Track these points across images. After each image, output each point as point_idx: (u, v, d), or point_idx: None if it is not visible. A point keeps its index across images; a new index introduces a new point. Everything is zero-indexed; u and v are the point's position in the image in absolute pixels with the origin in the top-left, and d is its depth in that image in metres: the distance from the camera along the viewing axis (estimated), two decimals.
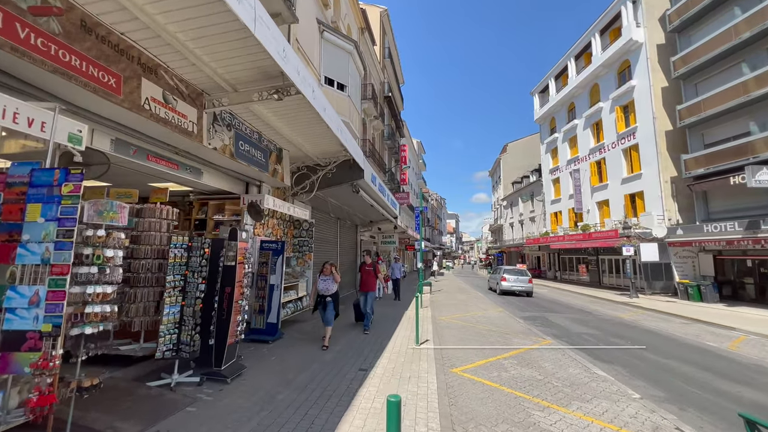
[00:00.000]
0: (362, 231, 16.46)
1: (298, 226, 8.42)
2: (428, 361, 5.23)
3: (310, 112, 5.17)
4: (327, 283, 5.90)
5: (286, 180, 7.23)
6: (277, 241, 6.33)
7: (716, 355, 6.36)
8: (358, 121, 14.48)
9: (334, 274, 5.94)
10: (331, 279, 5.92)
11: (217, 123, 5.00)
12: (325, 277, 5.96)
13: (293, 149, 7.27)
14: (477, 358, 5.61)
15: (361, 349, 5.80)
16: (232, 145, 5.35)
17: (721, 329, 8.85)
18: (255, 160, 5.96)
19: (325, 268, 6.00)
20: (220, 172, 5.93)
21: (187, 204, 6.83)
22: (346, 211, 12.22)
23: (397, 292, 12.64)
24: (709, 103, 15.02)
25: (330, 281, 5.90)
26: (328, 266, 5.99)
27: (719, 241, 13.76)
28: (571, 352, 6.04)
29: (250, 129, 5.86)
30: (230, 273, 4.17)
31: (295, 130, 6.27)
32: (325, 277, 5.95)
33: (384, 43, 23.81)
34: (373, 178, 9.48)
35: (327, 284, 5.89)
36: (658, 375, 5.07)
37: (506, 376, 4.73)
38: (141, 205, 4.17)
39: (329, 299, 5.82)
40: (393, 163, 25.64)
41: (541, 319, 9.65)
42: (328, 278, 5.93)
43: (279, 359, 5.02)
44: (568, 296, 16.62)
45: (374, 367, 4.87)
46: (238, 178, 6.44)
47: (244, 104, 4.83)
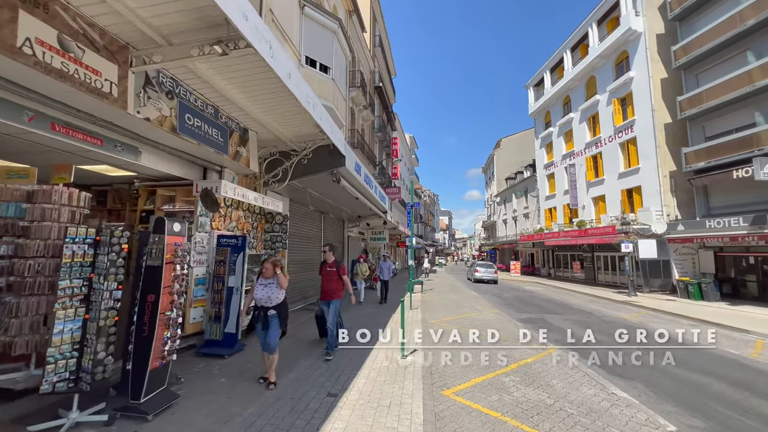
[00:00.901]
0: (350, 227, 15.51)
1: (271, 220, 7.44)
2: (414, 380, 4.34)
3: (271, 78, 4.20)
4: (268, 290, 4.07)
5: (253, 165, 6.23)
6: (237, 236, 5.35)
7: (742, 366, 5.62)
8: (345, 108, 13.48)
9: (279, 277, 4.11)
10: (275, 284, 4.11)
11: (150, 87, 3.99)
12: (265, 280, 4.12)
13: (262, 130, 6.27)
14: (473, 374, 4.74)
15: (334, 366, 4.87)
16: (175, 118, 4.34)
17: (734, 332, 8.18)
18: (209, 139, 4.96)
19: (265, 267, 4.15)
20: (164, 152, 4.91)
21: (133, 192, 5.78)
22: (330, 204, 11.25)
23: (385, 293, 11.18)
24: (711, 93, 14.38)
25: (273, 287, 4.09)
26: (269, 265, 4.13)
27: (722, 237, 13.17)
28: (580, 363, 5.21)
29: (201, 101, 4.85)
30: (154, 276, 3.20)
31: (259, 105, 5.27)
32: (266, 281, 4.11)
33: (374, 30, 22.76)
34: (357, 167, 8.53)
35: (268, 291, 4.07)
36: (688, 395, 4.26)
37: (509, 401, 3.86)
38: (32, 187, 3.14)
39: (272, 313, 4.02)
40: (384, 157, 24.68)
41: (541, 322, 8.87)
42: (270, 282, 4.11)
43: (229, 382, 4.07)
44: (564, 294, 15.95)
45: (347, 390, 3.96)
46: (191, 161, 5.43)
47: (182, 63, 3.84)
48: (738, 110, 13.91)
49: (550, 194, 27.19)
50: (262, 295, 4.08)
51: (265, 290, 4.09)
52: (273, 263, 4.15)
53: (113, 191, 6.04)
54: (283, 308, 4.19)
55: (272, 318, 4.02)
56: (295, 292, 8.67)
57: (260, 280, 4.15)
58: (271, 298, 4.07)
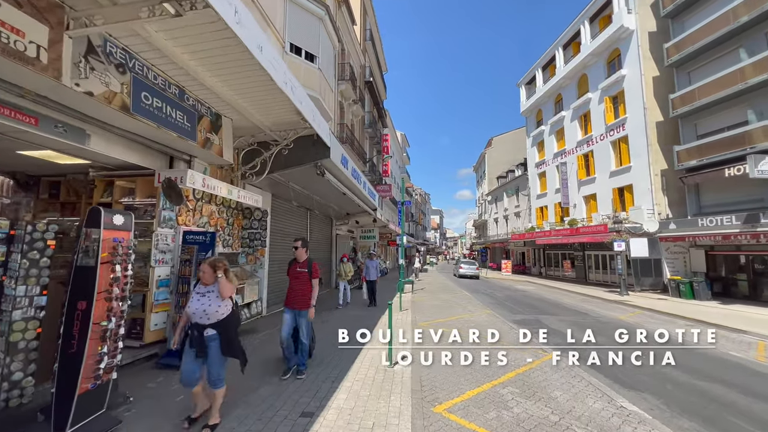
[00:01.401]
0: (338, 225, 14.97)
1: (249, 216, 6.87)
2: (403, 393, 3.86)
3: (239, 51, 3.66)
4: (205, 301, 2.91)
5: (227, 155, 5.65)
6: (206, 232, 4.78)
7: (749, 371, 5.32)
8: (333, 100, 12.91)
9: (220, 283, 2.94)
10: (215, 293, 2.96)
11: (94, 57, 3.41)
12: (203, 288, 3.00)
13: (237, 117, 5.70)
14: (467, 385, 4.29)
15: (313, 376, 4.36)
16: (128, 95, 3.76)
17: (732, 332, 7.95)
18: (172, 123, 4.38)
19: (202, 270, 3.00)
20: (118, 135, 4.31)
21: (89, 183, 5.15)
22: (316, 201, 10.70)
23: (373, 295, 10.28)
24: (704, 91, 14.28)
25: (212, 297, 2.94)
26: (207, 267, 2.98)
27: (714, 235, 13.07)
28: (582, 371, 4.82)
29: (163, 78, 4.27)
30: (86, 278, 2.64)
31: (230, 85, 4.71)
32: (204, 289, 2.98)
33: (365, 23, 22.19)
34: (344, 160, 8.01)
35: (205, 303, 2.91)
36: (702, 408, 3.89)
37: (509, 419, 3.41)
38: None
39: (210, 334, 2.88)
40: (374, 153, 24.16)
41: (536, 323, 8.50)
42: (209, 291, 2.97)
43: (188, 400, 3.51)
44: (556, 294, 15.71)
45: (325, 407, 3.46)
46: (153, 148, 4.83)
47: (130, 27, 3.29)
48: (730, 108, 13.83)
49: (542, 193, 27.08)
50: (196, 308, 2.90)
51: (201, 301, 2.92)
52: (212, 265, 3.00)
53: (67, 182, 5.40)
54: (228, 327, 2.97)
55: (210, 340, 2.87)
56: (274, 294, 8.10)
57: (197, 288, 3.04)
58: (207, 312, 2.88)
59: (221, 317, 2.95)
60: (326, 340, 6.09)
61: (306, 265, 4.41)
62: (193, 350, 2.88)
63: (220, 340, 2.91)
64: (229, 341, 2.95)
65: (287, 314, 4.32)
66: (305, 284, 4.34)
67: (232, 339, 2.98)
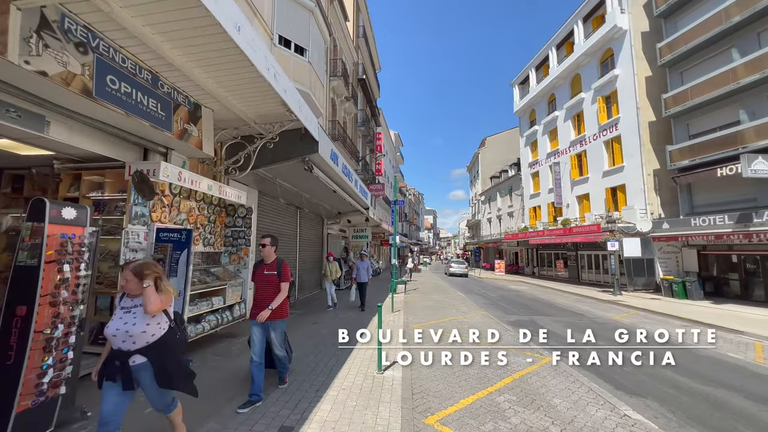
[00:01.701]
0: (329, 224, 14.64)
1: (233, 213, 6.52)
2: (392, 403, 3.58)
3: (213, 31, 3.35)
4: (129, 320, 2.22)
5: (207, 148, 5.31)
6: (181, 230, 4.44)
7: (750, 373, 5.17)
8: (324, 96, 12.59)
9: (145, 295, 2.22)
10: (139, 309, 2.26)
11: (49, 33, 3.05)
12: (129, 301, 2.30)
13: (219, 107, 5.36)
14: (461, 392, 4.02)
15: (296, 384, 4.06)
16: (90, 78, 3.41)
17: (728, 333, 7.84)
18: (143, 110, 4.03)
19: (126, 278, 2.27)
20: (84, 124, 3.94)
21: (55, 177, 4.77)
22: (306, 198, 10.36)
23: (362, 298, 9.59)
24: (696, 90, 14.29)
25: (139, 313, 2.25)
26: (129, 273, 2.26)
27: (707, 235, 13.07)
28: (581, 375, 4.60)
29: (132, 62, 3.91)
30: (27, 280, 2.31)
31: (208, 71, 4.37)
32: (130, 304, 2.29)
33: (358, 20, 21.90)
34: (334, 156, 7.71)
35: (129, 322, 2.22)
36: (709, 415, 3.69)
37: (507, 431, 3.14)
38: None
39: (138, 364, 2.21)
40: (367, 152, 23.87)
41: (531, 324, 8.30)
42: (136, 306, 2.27)
43: (154, 414, 3.17)
44: (549, 294, 15.60)
45: (307, 420, 3.16)
46: (123, 138, 4.46)
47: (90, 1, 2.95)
48: (722, 108, 13.85)
49: (535, 193, 27.07)
50: (117, 328, 2.18)
51: (125, 319, 2.20)
52: (137, 271, 2.24)
53: (31, 176, 5.00)
54: (163, 352, 2.26)
55: (139, 371, 2.19)
56: None
57: (123, 301, 2.30)
58: (132, 333, 2.17)
59: (151, 340, 2.23)
60: (312, 346, 5.80)
61: (275, 266, 3.69)
62: (117, 386, 2.15)
63: (153, 369, 2.22)
64: (164, 370, 2.24)
65: (255, 329, 3.57)
66: (276, 289, 3.63)
67: (168, 367, 2.26)
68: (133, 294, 2.28)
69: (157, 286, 2.29)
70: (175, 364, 2.34)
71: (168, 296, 2.34)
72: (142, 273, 2.25)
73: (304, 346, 5.63)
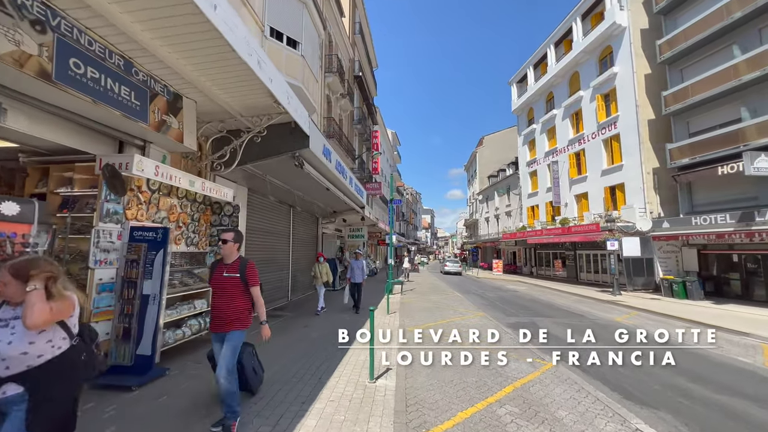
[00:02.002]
0: (324, 223, 14.31)
1: (218, 211, 6.20)
2: (384, 417, 3.28)
3: (186, 9, 3.04)
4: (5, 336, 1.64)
5: (189, 141, 4.97)
6: (156, 228, 4.11)
7: (763, 378, 4.93)
8: (318, 91, 12.28)
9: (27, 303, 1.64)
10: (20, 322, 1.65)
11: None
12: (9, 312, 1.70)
13: (202, 98, 5.04)
14: (459, 404, 3.73)
15: (282, 395, 3.75)
16: (48, 59, 3.08)
17: (734, 335, 7.61)
18: (113, 99, 3.70)
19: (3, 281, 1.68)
20: (47, 112, 3.61)
21: (21, 171, 4.42)
22: (298, 197, 10.03)
23: (357, 301, 9.10)
24: (697, 88, 14.09)
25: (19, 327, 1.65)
26: (6, 273, 1.68)
27: (708, 234, 12.87)
28: (586, 383, 4.33)
29: (101, 45, 3.58)
30: None
31: (186, 56, 4.04)
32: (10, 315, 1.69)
33: (354, 17, 21.57)
34: (327, 152, 7.39)
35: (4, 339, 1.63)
36: (728, 428, 3.40)
37: None
38: None
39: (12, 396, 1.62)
40: (364, 150, 23.54)
41: (531, 326, 8.02)
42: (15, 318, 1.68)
43: None
44: (548, 294, 15.36)
45: None
46: (94, 129, 4.13)
47: None
48: (723, 105, 13.66)
49: (533, 192, 26.87)
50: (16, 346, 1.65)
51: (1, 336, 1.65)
52: (17, 270, 1.69)
53: None
54: (51, 380, 1.71)
55: (11, 405, 1.62)
56: None
57: (1, 310, 1.72)
58: (6, 355, 1.63)
59: (35, 363, 1.66)
60: (302, 352, 5.49)
61: (237, 267, 2.99)
62: None
63: (30, 407, 1.62)
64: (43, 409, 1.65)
65: (217, 344, 3.03)
66: (235, 296, 2.95)
67: (50, 405, 1.69)
68: (15, 301, 1.71)
69: (49, 291, 1.71)
70: (64, 400, 1.74)
71: (65, 304, 1.75)
72: (27, 273, 1.68)
73: (292, 351, 5.32)
